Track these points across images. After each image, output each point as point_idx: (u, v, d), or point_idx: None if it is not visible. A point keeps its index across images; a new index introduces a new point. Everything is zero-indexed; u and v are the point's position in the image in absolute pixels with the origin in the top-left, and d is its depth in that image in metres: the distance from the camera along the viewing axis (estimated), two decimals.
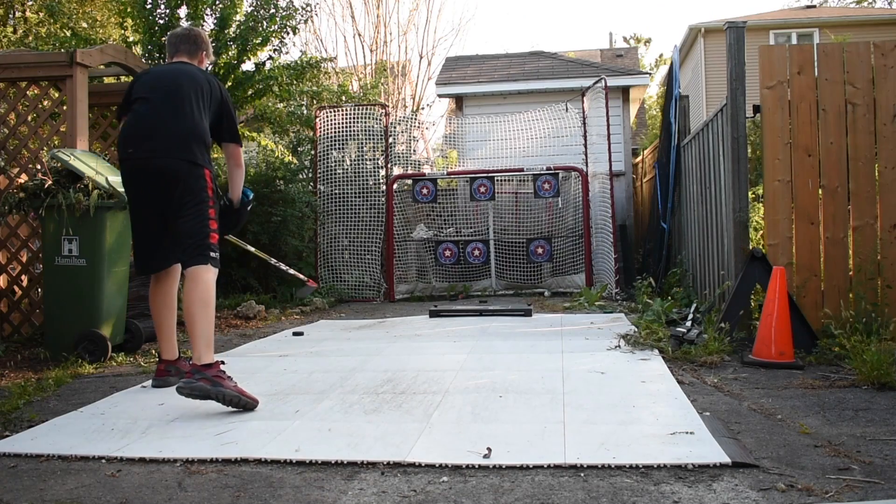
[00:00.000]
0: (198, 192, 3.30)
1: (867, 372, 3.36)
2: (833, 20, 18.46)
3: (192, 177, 3.30)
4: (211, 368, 3.06)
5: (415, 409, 3.02)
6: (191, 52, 3.65)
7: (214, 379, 3.04)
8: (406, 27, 19.98)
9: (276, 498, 2.12)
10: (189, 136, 3.33)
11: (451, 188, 9.15)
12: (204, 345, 3.11)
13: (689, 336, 4.28)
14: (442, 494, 2.11)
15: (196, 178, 3.31)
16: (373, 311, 6.97)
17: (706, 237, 5.65)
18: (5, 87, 5.26)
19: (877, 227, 4.36)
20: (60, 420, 3.01)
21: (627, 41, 33.95)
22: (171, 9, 7.59)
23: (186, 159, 3.30)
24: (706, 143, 5.59)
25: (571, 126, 8.60)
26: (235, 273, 7.57)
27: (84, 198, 4.27)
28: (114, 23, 9.73)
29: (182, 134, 3.32)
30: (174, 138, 3.32)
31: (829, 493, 2.05)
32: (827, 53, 4.43)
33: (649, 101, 23.83)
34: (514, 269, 8.27)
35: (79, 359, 4.21)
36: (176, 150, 3.30)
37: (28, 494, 2.21)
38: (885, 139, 4.36)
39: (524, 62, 12.13)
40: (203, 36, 3.73)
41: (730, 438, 2.53)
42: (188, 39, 3.66)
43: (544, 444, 2.50)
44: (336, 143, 8.49)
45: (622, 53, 22.33)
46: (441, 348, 4.57)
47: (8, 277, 5.22)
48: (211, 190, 3.35)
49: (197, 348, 3.10)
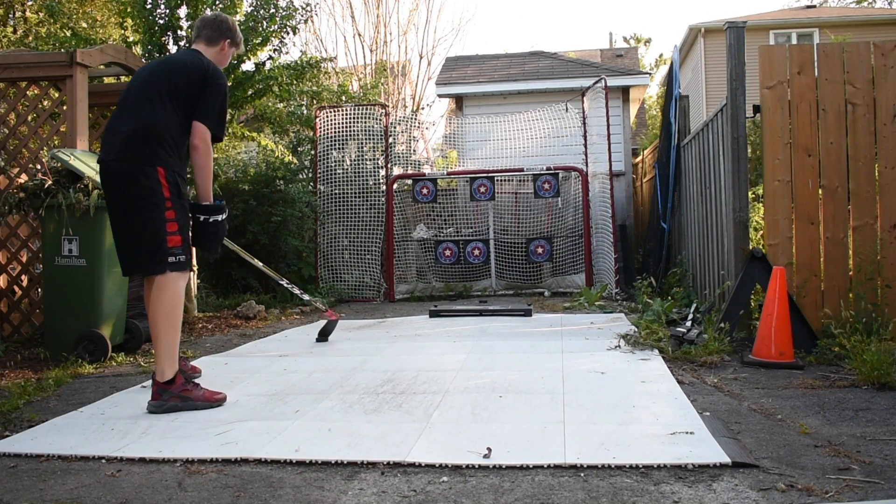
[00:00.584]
0: (148, 194, 3.09)
1: (867, 372, 3.36)
2: (833, 20, 18.46)
3: (143, 177, 3.09)
4: (175, 384, 3.09)
5: (415, 409, 3.02)
6: (210, 38, 3.45)
7: (182, 394, 3.10)
8: (406, 27, 19.99)
9: (276, 498, 2.12)
10: (136, 135, 3.13)
11: (451, 188, 9.15)
12: (168, 360, 3.09)
13: (689, 336, 4.28)
14: (442, 494, 2.11)
15: (147, 178, 3.09)
16: (373, 311, 6.97)
17: (706, 237, 5.65)
18: (5, 87, 5.26)
19: (877, 227, 4.36)
20: (60, 420, 3.02)
21: (627, 41, 33.95)
22: (171, 9, 7.58)
23: (132, 160, 3.11)
24: (706, 143, 5.59)
25: (571, 126, 8.60)
26: (235, 273, 7.57)
27: (84, 198, 4.27)
28: (114, 23, 9.73)
29: (128, 134, 3.14)
30: (121, 139, 3.15)
31: (829, 493, 2.05)
32: (827, 53, 4.43)
33: (649, 101, 23.84)
34: (514, 269, 8.26)
35: (79, 359, 4.21)
36: (123, 152, 3.14)
37: (28, 494, 2.21)
38: (885, 139, 4.36)
39: (524, 62, 12.13)
40: (229, 23, 3.52)
41: (730, 438, 2.53)
42: (211, 25, 3.47)
43: (544, 444, 2.50)
44: (336, 143, 8.49)
45: (622, 53, 22.32)
46: (441, 348, 4.57)
47: (8, 277, 5.22)
48: (168, 190, 3.12)
49: (160, 363, 3.09)
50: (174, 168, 3.17)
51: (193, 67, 3.26)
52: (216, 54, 3.45)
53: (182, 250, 3.14)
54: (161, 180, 3.11)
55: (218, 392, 3.22)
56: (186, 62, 3.31)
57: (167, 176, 3.13)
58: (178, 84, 3.22)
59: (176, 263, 3.11)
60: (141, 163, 3.11)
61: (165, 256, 3.09)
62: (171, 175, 3.14)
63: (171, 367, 3.10)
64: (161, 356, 3.09)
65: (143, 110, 3.19)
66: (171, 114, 3.19)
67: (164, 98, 3.19)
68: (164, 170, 3.12)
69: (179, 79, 3.23)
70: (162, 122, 3.16)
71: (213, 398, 3.17)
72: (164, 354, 3.09)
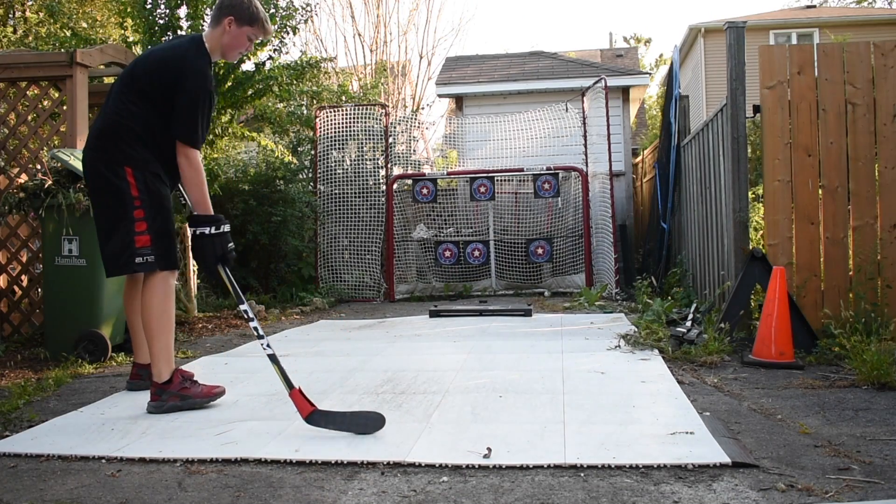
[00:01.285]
0: (115, 192, 3.00)
1: (867, 372, 3.36)
2: (833, 20, 18.47)
3: (112, 176, 3.00)
4: (172, 384, 3.07)
5: (415, 409, 3.02)
6: (213, 18, 3.18)
7: (181, 393, 3.08)
8: (406, 27, 20.00)
9: (276, 498, 2.12)
10: (102, 133, 3.05)
11: (451, 188, 9.15)
12: (164, 360, 3.06)
13: (689, 336, 4.28)
14: (442, 494, 2.11)
15: (115, 177, 3.00)
16: (373, 311, 6.97)
17: (706, 237, 5.65)
18: (5, 87, 5.26)
19: (877, 227, 4.36)
20: (60, 420, 3.01)
21: (627, 41, 33.95)
22: (171, 9, 7.58)
23: (99, 159, 3.04)
24: (706, 143, 5.59)
25: (571, 126, 8.60)
26: (235, 273, 7.56)
27: (84, 198, 4.27)
28: (114, 23, 9.72)
29: (96, 132, 3.07)
30: (94, 132, 3.08)
31: (829, 493, 2.05)
32: (827, 53, 4.43)
33: (649, 101, 23.84)
34: (514, 270, 8.26)
35: (79, 359, 4.21)
36: (94, 147, 3.07)
37: (28, 494, 2.21)
38: (885, 139, 4.36)
39: (524, 62, 12.13)
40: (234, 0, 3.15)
41: (730, 438, 2.53)
42: (215, 6, 3.21)
43: (544, 444, 2.50)
44: (336, 143, 8.50)
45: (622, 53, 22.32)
46: (441, 348, 4.57)
47: (8, 277, 5.22)
48: (136, 189, 3.00)
49: (156, 364, 3.06)
50: (146, 166, 3.04)
51: (161, 62, 3.08)
52: (220, 36, 3.15)
53: (151, 250, 3.02)
54: (129, 179, 3.00)
55: (216, 385, 3.20)
56: (156, 55, 3.14)
57: (135, 174, 3.02)
58: (140, 78, 3.07)
59: (144, 264, 3.01)
60: (108, 161, 3.02)
61: (133, 257, 3.00)
62: (140, 174, 3.03)
63: (167, 367, 3.08)
64: (157, 357, 3.06)
65: (108, 107, 3.09)
66: (139, 110, 3.04)
67: (129, 93, 3.06)
68: (132, 168, 3.01)
69: (143, 73, 3.08)
70: (126, 119, 3.03)
71: (211, 392, 3.15)
72: (159, 355, 3.06)
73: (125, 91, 3.09)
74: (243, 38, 3.19)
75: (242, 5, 3.14)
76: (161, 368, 3.07)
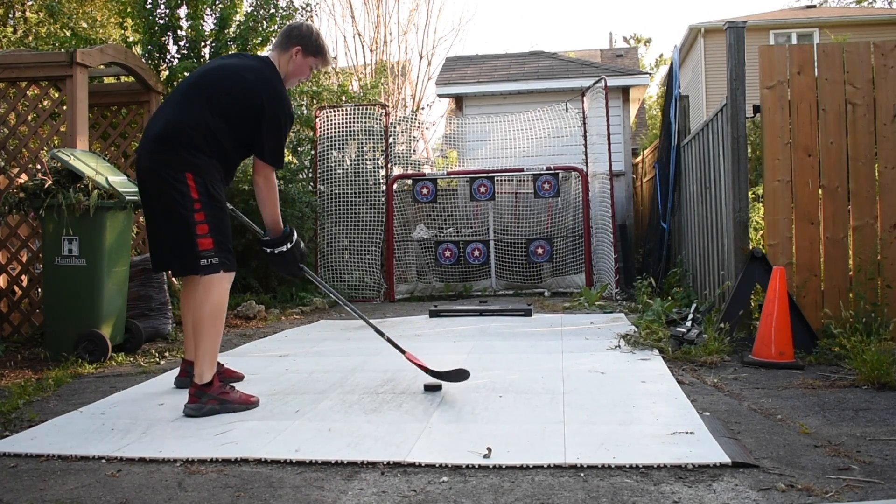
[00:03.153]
0: (177, 196, 2.99)
1: (867, 372, 3.36)
2: (833, 20, 18.47)
3: (173, 181, 2.99)
4: (213, 386, 3.05)
5: (415, 409, 3.02)
6: (281, 44, 3.27)
7: (221, 397, 3.05)
8: (406, 27, 20.01)
9: (276, 498, 2.12)
10: (170, 134, 3.03)
11: (451, 188, 9.15)
12: (208, 363, 3.04)
13: (689, 336, 4.28)
14: (442, 494, 2.11)
15: (176, 181, 2.99)
16: (373, 311, 6.97)
17: (706, 237, 5.65)
18: (5, 87, 5.26)
19: (877, 227, 4.36)
20: (60, 420, 3.01)
21: (627, 41, 33.96)
22: (171, 9, 7.59)
23: (160, 163, 3.02)
24: (706, 143, 5.59)
25: (571, 126, 8.60)
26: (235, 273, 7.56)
27: (84, 198, 4.27)
28: (114, 23, 9.73)
29: (162, 132, 3.04)
30: (154, 137, 3.06)
31: (829, 493, 2.05)
32: (827, 53, 4.43)
33: (649, 101, 23.85)
34: (514, 270, 8.26)
35: (79, 359, 4.21)
36: (154, 151, 3.05)
37: (28, 494, 2.21)
38: (885, 139, 4.36)
39: (524, 62, 12.13)
40: (302, 30, 3.28)
41: (730, 438, 2.53)
42: (284, 31, 3.28)
43: (544, 444, 2.50)
44: (336, 143, 8.49)
45: (622, 53, 22.33)
46: (441, 348, 4.57)
47: (8, 277, 5.22)
48: (196, 192, 3.01)
49: (200, 365, 3.03)
50: (206, 173, 3.05)
51: (244, 82, 3.12)
52: (287, 63, 3.25)
53: (214, 252, 3.03)
54: (189, 183, 3.00)
55: (252, 395, 3.16)
56: (232, 70, 3.18)
57: (195, 179, 3.01)
58: (214, 91, 3.11)
59: (208, 266, 3.02)
60: (168, 166, 3.01)
61: (198, 259, 3.01)
62: (199, 179, 3.02)
63: (210, 369, 3.05)
64: (202, 358, 3.03)
65: (167, 113, 3.10)
66: (203, 117, 3.05)
67: (196, 103, 3.07)
68: (192, 174, 3.01)
69: (217, 87, 3.12)
70: (188, 125, 3.03)
71: (248, 400, 3.11)
72: (204, 357, 3.03)
73: (191, 99, 3.09)
74: (307, 68, 3.31)
75: (311, 37, 3.28)
76: (204, 369, 3.04)
